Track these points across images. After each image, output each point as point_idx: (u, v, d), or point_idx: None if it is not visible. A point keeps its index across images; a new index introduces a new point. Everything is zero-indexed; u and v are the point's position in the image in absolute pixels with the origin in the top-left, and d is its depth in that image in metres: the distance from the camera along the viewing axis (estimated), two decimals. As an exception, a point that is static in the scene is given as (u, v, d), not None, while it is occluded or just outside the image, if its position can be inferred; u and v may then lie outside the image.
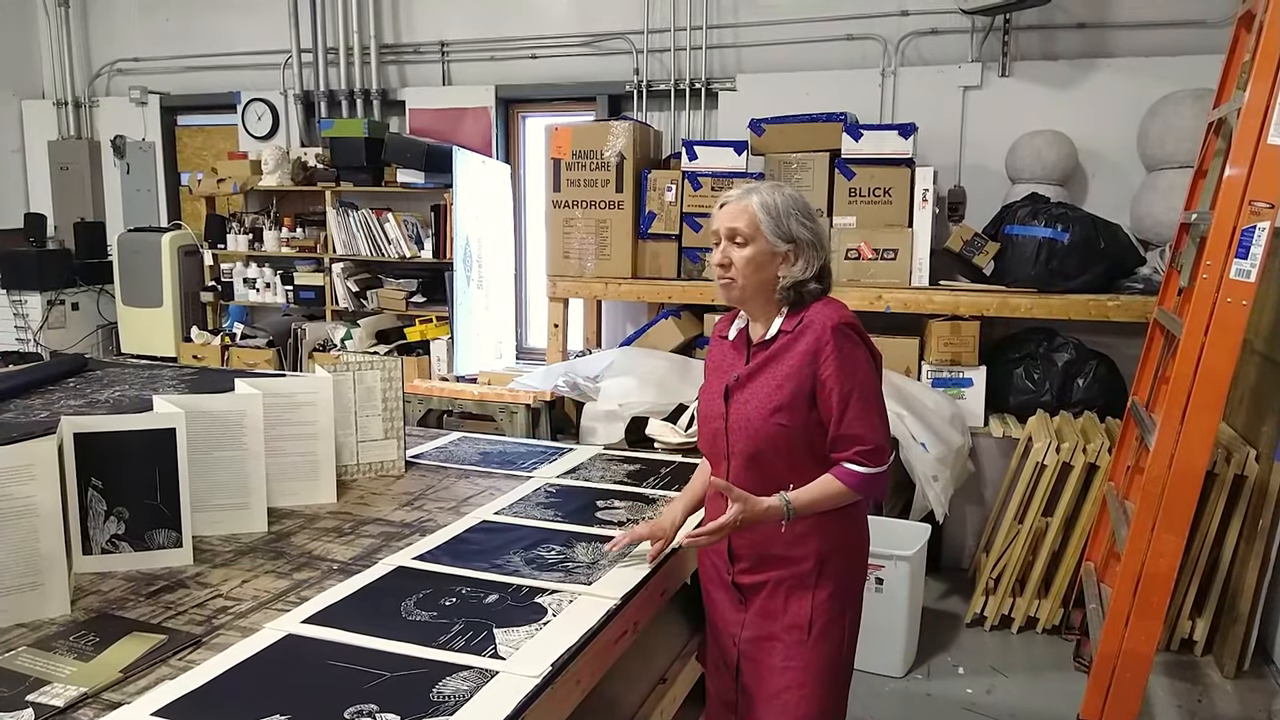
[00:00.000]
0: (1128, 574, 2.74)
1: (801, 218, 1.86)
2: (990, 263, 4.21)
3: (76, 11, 6.60)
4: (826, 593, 1.88)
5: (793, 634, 1.88)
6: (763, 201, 1.85)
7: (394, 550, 1.89)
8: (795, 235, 1.84)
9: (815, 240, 1.88)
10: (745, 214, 1.84)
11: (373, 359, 2.39)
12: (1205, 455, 2.68)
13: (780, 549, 1.87)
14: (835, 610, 1.90)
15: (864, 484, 1.82)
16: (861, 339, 1.85)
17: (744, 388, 1.88)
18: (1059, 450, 3.58)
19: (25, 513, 1.54)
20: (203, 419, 1.94)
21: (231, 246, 5.90)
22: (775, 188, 1.89)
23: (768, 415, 1.83)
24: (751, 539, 1.88)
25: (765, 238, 1.83)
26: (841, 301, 1.91)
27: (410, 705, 1.29)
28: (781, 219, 1.84)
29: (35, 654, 1.44)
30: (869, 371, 1.83)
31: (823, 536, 1.86)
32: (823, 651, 1.89)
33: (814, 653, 1.88)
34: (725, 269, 1.87)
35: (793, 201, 1.87)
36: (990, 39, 4.57)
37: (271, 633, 1.51)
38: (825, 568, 1.88)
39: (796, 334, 1.85)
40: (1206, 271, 2.64)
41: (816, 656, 1.88)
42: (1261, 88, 2.58)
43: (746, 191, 1.88)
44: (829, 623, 1.89)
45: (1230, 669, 3.33)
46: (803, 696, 1.88)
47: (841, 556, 1.91)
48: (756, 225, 1.83)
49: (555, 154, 4.67)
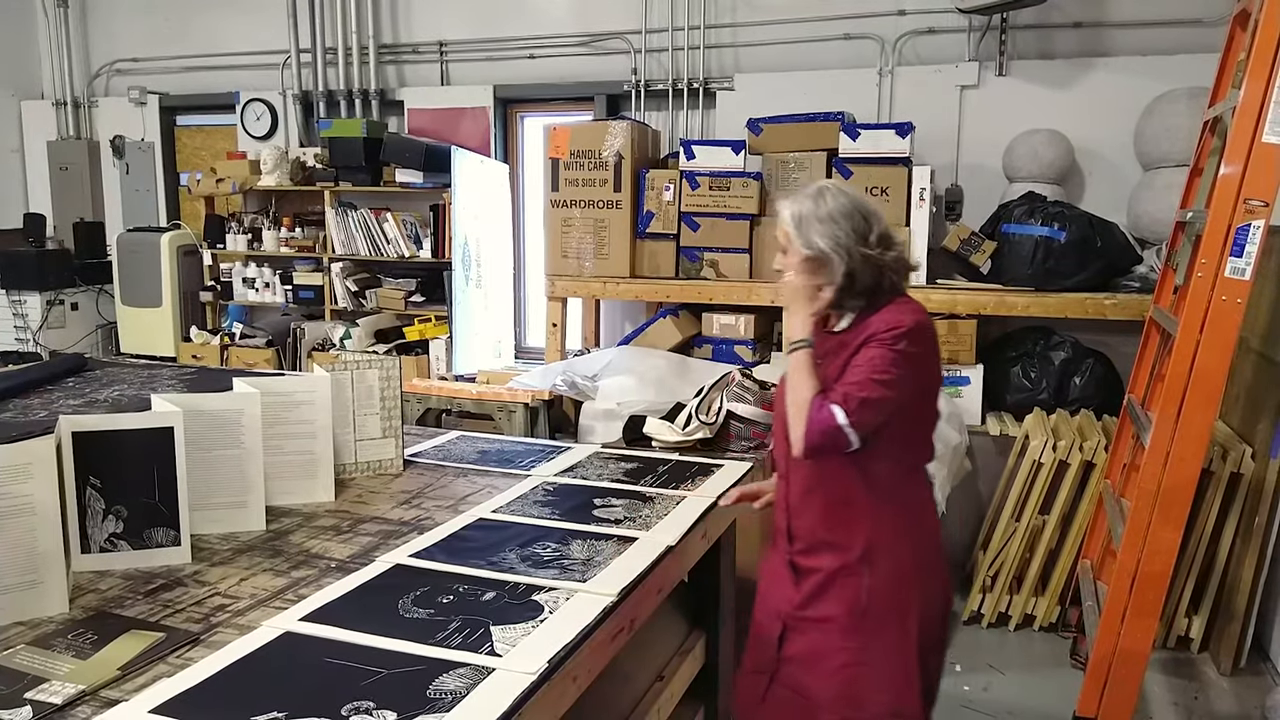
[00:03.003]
0: (1124, 571, 2.75)
1: (824, 225, 1.89)
2: (987, 261, 4.22)
3: (75, 11, 6.60)
4: (879, 580, 1.92)
5: (849, 619, 1.93)
6: (792, 212, 1.93)
7: (392, 548, 1.89)
8: (811, 243, 1.90)
9: (836, 248, 1.89)
10: (781, 225, 1.95)
11: (371, 358, 2.39)
12: (1201, 453, 2.69)
13: (828, 534, 1.94)
14: (892, 599, 1.93)
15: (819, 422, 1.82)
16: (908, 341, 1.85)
17: None
18: (1056, 448, 3.59)
19: (23, 511, 1.55)
20: (201, 418, 1.94)
21: (230, 246, 5.91)
22: (815, 195, 1.93)
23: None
24: (809, 523, 1.97)
25: (797, 248, 1.92)
26: (915, 305, 1.94)
27: (407, 702, 1.30)
28: (803, 227, 1.91)
29: (33, 652, 1.45)
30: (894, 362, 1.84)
31: (872, 525, 1.92)
32: (882, 638, 1.93)
33: (873, 639, 1.93)
34: (781, 274, 1.97)
35: (820, 211, 1.91)
36: (987, 38, 4.58)
37: (269, 630, 1.52)
38: (875, 556, 1.92)
39: (860, 331, 1.91)
40: (1202, 270, 2.65)
41: (875, 642, 1.93)
42: (1256, 86, 2.58)
43: (788, 202, 1.96)
44: (886, 610, 1.93)
45: (1226, 666, 3.34)
46: (859, 674, 1.93)
47: (893, 546, 1.93)
48: (788, 235, 1.93)
49: (553, 154, 4.68)
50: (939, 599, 2.05)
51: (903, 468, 1.97)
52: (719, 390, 3.21)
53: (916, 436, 1.99)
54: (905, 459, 1.97)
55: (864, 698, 1.94)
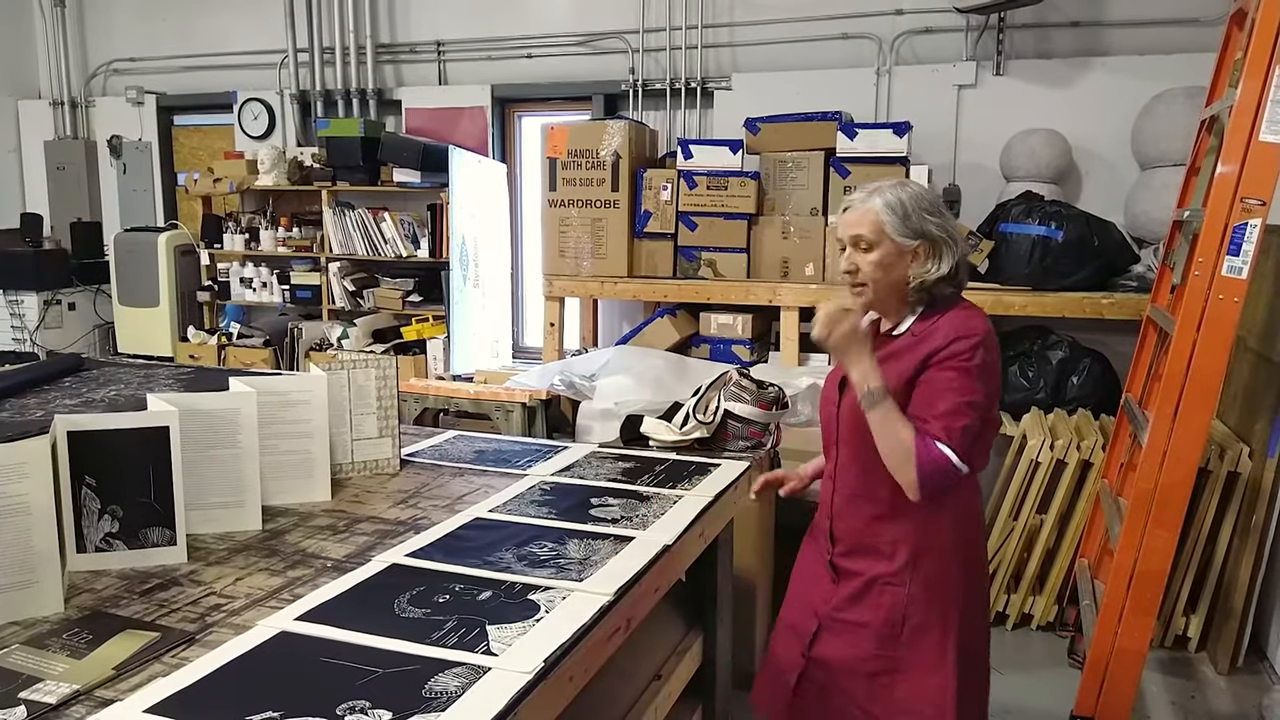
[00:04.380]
0: (1121, 571, 2.74)
1: (929, 214, 1.83)
2: (985, 261, 4.22)
3: (73, 11, 6.60)
4: (920, 589, 1.87)
5: (887, 627, 1.89)
6: (887, 201, 1.83)
7: (388, 548, 1.89)
8: (925, 231, 1.82)
9: (947, 236, 1.84)
10: (868, 217, 1.84)
11: (367, 357, 2.39)
12: (1198, 452, 2.69)
13: (872, 539, 1.90)
14: (932, 609, 1.88)
15: (930, 463, 1.75)
16: (981, 355, 1.80)
17: None
18: (1053, 447, 3.59)
19: (18, 511, 1.55)
20: (197, 417, 1.94)
21: (228, 246, 5.90)
22: (901, 185, 1.87)
23: None
24: (852, 527, 1.93)
25: (891, 239, 1.82)
26: (980, 312, 1.88)
27: (402, 702, 1.30)
28: (911, 215, 1.82)
29: (28, 651, 1.45)
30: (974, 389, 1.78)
31: (919, 534, 1.87)
32: (919, 649, 1.88)
33: (909, 650, 1.88)
34: (853, 275, 1.88)
35: (920, 198, 1.85)
36: (984, 38, 4.58)
37: (264, 630, 1.51)
38: (919, 565, 1.87)
39: (923, 337, 1.84)
40: (1199, 269, 2.65)
41: (911, 653, 1.88)
42: (1253, 85, 2.58)
43: (870, 194, 1.86)
44: (925, 621, 1.88)
45: (1224, 665, 3.34)
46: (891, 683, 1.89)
47: (938, 556, 1.89)
48: (881, 227, 1.83)
49: (551, 153, 4.68)
50: (981, 613, 2.00)
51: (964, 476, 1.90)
52: (716, 390, 3.20)
53: (978, 447, 1.90)
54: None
55: (895, 709, 1.90)
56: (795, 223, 4.34)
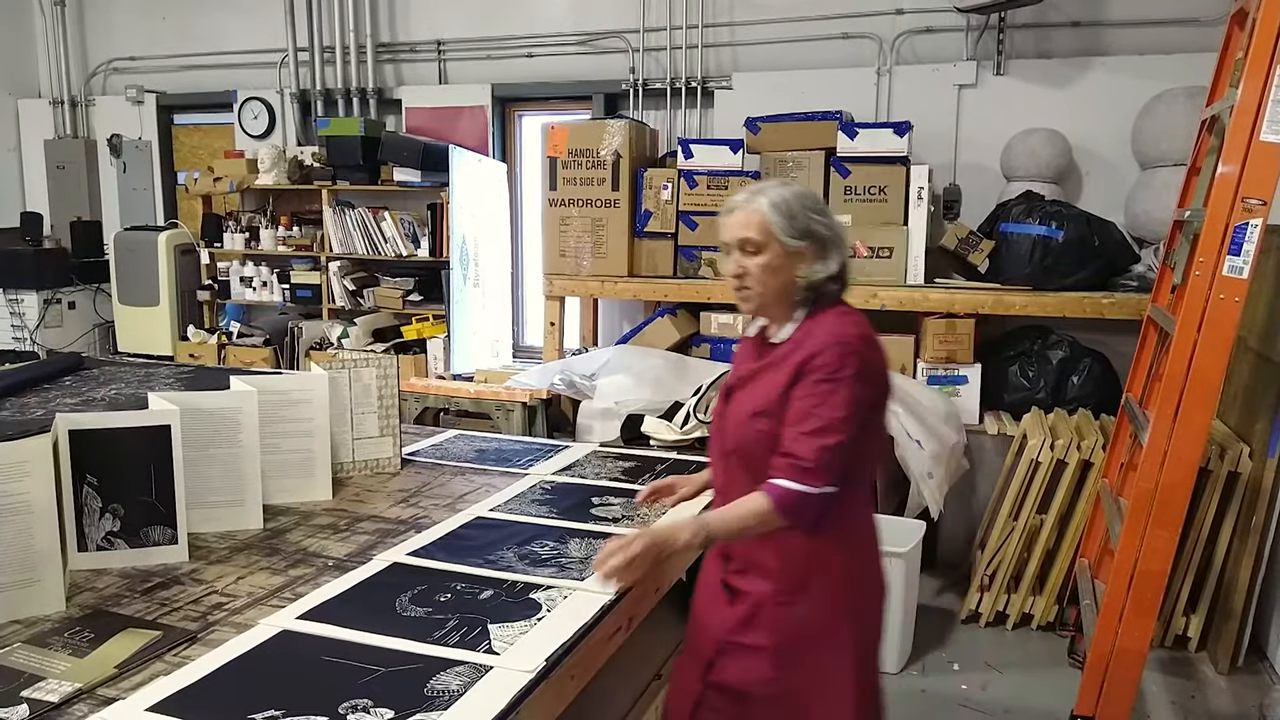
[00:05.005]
0: (1121, 570, 2.75)
1: (814, 212, 1.77)
2: (985, 261, 4.22)
3: (72, 10, 6.59)
4: (811, 609, 1.77)
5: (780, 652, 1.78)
6: (773, 201, 1.75)
7: (389, 546, 1.89)
8: (811, 231, 1.76)
9: (833, 235, 1.79)
10: (755, 218, 1.75)
11: (369, 356, 2.39)
12: (1198, 452, 2.69)
13: (762, 557, 1.78)
14: (825, 630, 1.79)
15: (789, 503, 1.67)
16: (859, 362, 1.70)
17: (743, 387, 1.83)
18: (1053, 447, 3.59)
19: (20, 509, 1.55)
20: (198, 416, 1.94)
21: (228, 245, 5.90)
22: (784, 184, 1.80)
23: (748, 418, 1.77)
24: (744, 544, 1.80)
25: (779, 240, 1.75)
26: (857, 315, 1.80)
27: (404, 700, 1.30)
28: (797, 215, 1.75)
29: (30, 650, 1.45)
30: (848, 400, 1.68)
31: (807, 553, 1.76)
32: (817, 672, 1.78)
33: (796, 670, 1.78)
34: (740, 279, 1.79)
35: (804, 196, 1.79)
36: (985, 37, 4.58)
37: (266, 629, 1.52)
38: (809, 585, 1.77)
39: (798, 343, 1.76)
40: (1199, 268, 2.65)
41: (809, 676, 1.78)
42: (1254, 85, 2.58)
43: (754, 194, 1.78)
44: (819, 642, 1.78)
45: (1224, 665, 3.34)
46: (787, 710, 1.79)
47: (828, 576, 1.78)
48: (768, 229, 1.74)
49: (551, 152, 4.68)
50: (877, 630, 1.90)
51: (844, 491, 1.75)
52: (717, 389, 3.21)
53: (861, 458, 1.78)
54: (848, 483, 1.75)
55: None
56: (796, 222, 4.33)
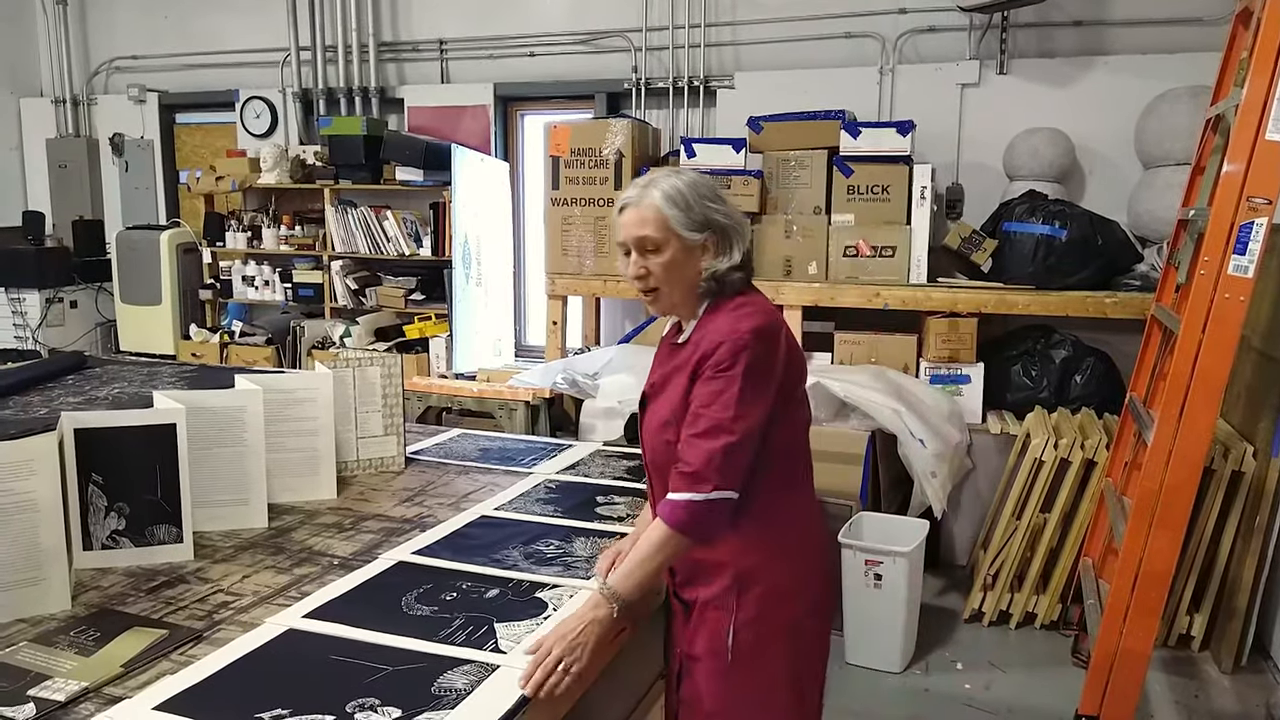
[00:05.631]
0: (1125, 570, 2.74)
1: (710, 200, 1.66)
2: (988, 260, 4.22)
3: (75, 9, 6.59)
4: (748, 617, 1.68)
5: (712, 659, 1.71)
6: (666, 193, 1.63)
7: (394, 545, 1.89)
8: (710, 221, 1.65)
9: (733, 223, 1.68)
10: (649, 214, 1.63)
11: (373, 355, 2.39)
12: (1203, 451, 2.68)
13: (699, 562, 1.70)
14: (761, 638, 1.70)
15: (680, 517, 1.56)
16: (752, 357, 1.59)
17: (656, 398, 1.74)
18: (1057, 447, 3.59)
19: (26, 508, 1.55)
20: (203, 415, 1.94)
21: (230, 244, 5.90)
22: (675, 173, 1.69)
23: (659, 429, 1.68)
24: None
25: (678, 234, 1.64)
26: (756, 303, 1.68)
27: (412, 699, 1.30)
28: (693, 205, 1.64)
29: (36, 649, 1.45)
30: (740, 399, 1.57)
31: (740, 549, 1.67)
32: (746, 681, 1.70)
33: (736, 681, 1.70)
34: (644, 280, 1.68)
35: (697, 184, 1.67)
36: (988, 36, 4.57)
37: (272, 627, 1.52)
38: (745, 589, 1.68)
39: (696, 342, 1.65)
40: (1204, 268, 2.65)
41: (740, 686, 1.70)
42: (1259, 84, 2.58)
43: (645, 187, 1.66)
44: (753, 651, 1.69)
45: (1228, 664, 3.34)
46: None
47: (766, 587, 1.69)
48: (665, 223, 1.63)
49: (554, 152, 4.67)
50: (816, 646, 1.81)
51: (773, 484, 1.68)
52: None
53: (782, 450, 1.70)
54: (773, 475, 1.68)
55: None
56: (798, 221, 4.33)
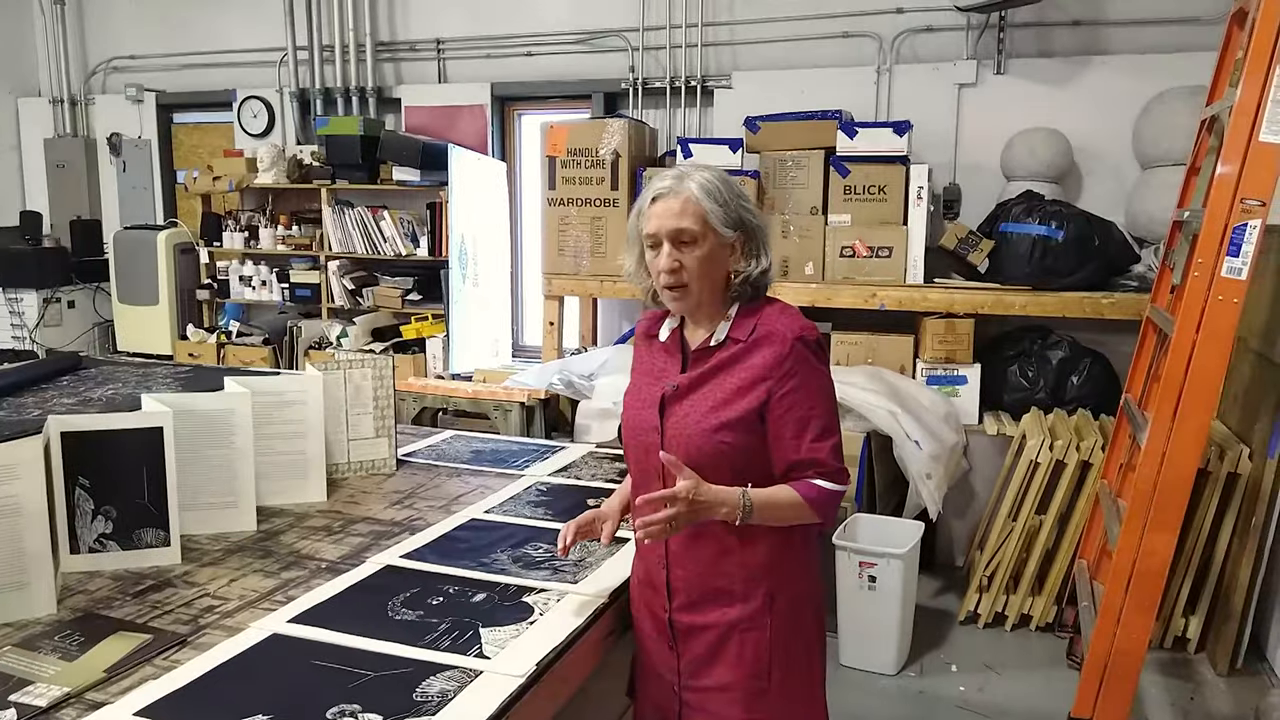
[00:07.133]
0: (1120, 572, 2.74)
1: (742, 199, 1.61)
2: (985, 260, 4.21)
3: (72, 9, 6.59)
4: (784, 634, 1.63)
5: (753, 683, 1.62)
6: (703, 186, 1.57)
7: (382, 549, 1.88)
8: (743, 220, 1.60)
9: (761, 225, 1.63)
10: (690, 207, 1.56)
11: (363, 357, 2.39)
12: (1197, 453, 2.68)
13: (726, 583, 1.61)
14: (799, 654, 1.66)
15: (825, 501, 1.57)
16: (824, 354, 1.62)
17: (683, 399, 1.63)
18: (1053, 448, 3.58)
19: (10, 512, 1.54)
20: (191, 418, 1.93)
21: (227, 244, 5.90)
22: (707, 168, 1.63)
23: (712, 431, 1.58)
24: (694, 572, 1.63)
25: (715, 230, 1.57)
26: (795, 308, 1.67)
27: (393, 705, 1.29)
28: (729, 202, 1.58)
29: (19, 654, 1.44)
30: (830, 393, 1.61)
31: (775, 564, 1.62)
32: (790, 701, 1.64)
33: (780, 702, 1.63)
34: (675, 275, 1.58)
35: (729, 182, 1.62)
36: (985, 36, 4.56)
37: (256, 632, 1.51)
38: (776, 605, 1.62)
39: (752, 343, 1.60)
40: (1198, 269, 2.64)
41: (784, 707, 1.64)
42: (1253, 85, 2.57)
43: (678, 178, 1.59)
44: (792, 668, 1.65)
45: (1223, 666, 3.33)
46: None
47: (793, 594, 1.65)
48: (704, 217, 1.56)
49: (550, 151, 4.67)
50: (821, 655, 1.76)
51: None
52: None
53: None
54: None
55: None
56: (795, 221, 4.33)
